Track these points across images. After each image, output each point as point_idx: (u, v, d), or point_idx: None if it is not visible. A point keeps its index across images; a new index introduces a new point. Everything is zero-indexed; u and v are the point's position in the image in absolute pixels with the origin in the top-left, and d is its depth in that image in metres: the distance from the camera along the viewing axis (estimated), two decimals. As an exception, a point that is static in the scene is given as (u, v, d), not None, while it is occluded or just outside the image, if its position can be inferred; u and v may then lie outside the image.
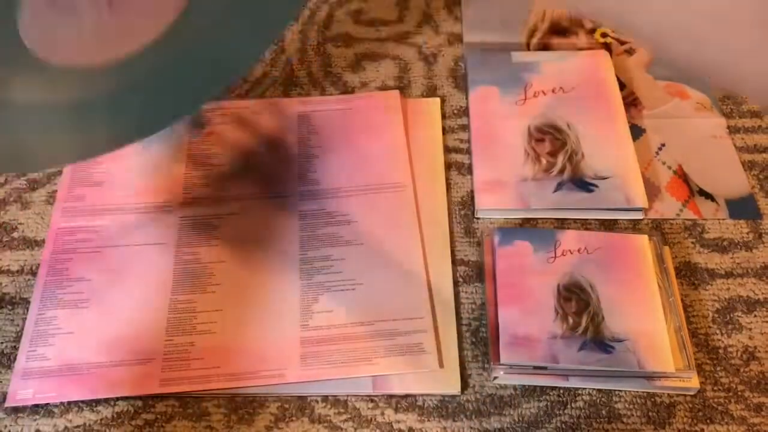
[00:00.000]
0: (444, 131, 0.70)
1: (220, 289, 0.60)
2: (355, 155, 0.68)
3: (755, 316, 0.58)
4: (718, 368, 0.55)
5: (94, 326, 0.58)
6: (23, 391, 0.55)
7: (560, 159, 0.65)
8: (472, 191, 0.65)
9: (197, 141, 0.69)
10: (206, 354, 0.56)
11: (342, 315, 0.58)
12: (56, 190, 0.66)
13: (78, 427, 0.54)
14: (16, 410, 0.54)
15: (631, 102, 0.71)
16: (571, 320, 0.55)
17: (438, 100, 0.72)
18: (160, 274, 0.60)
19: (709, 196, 0.64)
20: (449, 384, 0.54)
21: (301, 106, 0.72)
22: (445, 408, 0.54)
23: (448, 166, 0.67)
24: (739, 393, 0.54)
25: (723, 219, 0.63)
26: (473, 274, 0.60)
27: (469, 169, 0.67)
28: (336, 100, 0.72)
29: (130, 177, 0.66)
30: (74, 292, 0.60)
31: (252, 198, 0.65)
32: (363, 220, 0.63)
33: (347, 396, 0.54)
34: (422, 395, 0.54)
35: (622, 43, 0.76)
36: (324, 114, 0.71)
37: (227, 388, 0.55)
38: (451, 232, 0.62)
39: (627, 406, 0.53)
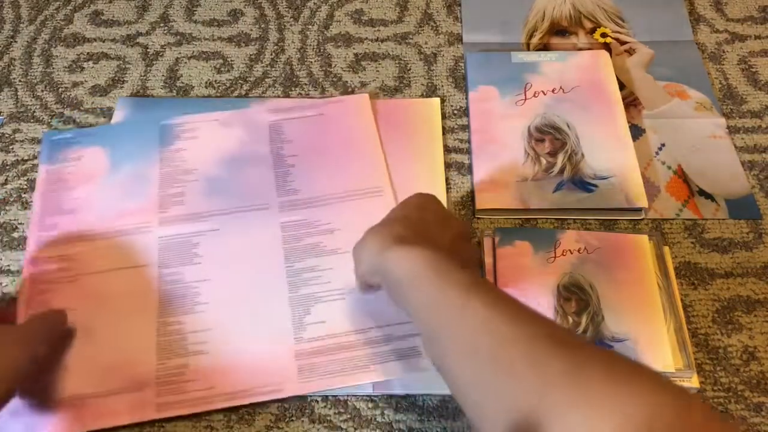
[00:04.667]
0: (444, 131, 0.70)
1: (208, 307, 0.58)
2: (331, 162, 0.67)
3: (755, 316, 0.58)
4: (718, 368, 0.55)
5: (85, 357, 0.56)
6: (14, 429, 0.53)
7: (560, 159, 0.65)
8: (472, 191, 0.65)
9: (169, 156, 0.67)
10: (201, 375, 0.55)
11: (335, 325, 0.57)
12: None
13: (78, 427, 0.54)
14: None
15: (631, 102, 0.71)
16: (571, 320, 0.55)
17: (438, 100, 0.72)
18: (145, 297, 0.59)
19: (709, 196, 0.64)
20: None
21: (271, 115, 0.70)
22: (445, 408, 0.54)
23: (448, 166, 0.67)
24: (739, 393, 0.54)
25: (723, 219, 0.63)
26: (473, 274, 0.60)
27: (469, 169, 0.67)
28: (306, 106, 0.71)
29: (102, 201, 0.65)
30: None
31: (230, 212, 0.64)
32: (345, 228, 0.62)
33: (347, 396, 0.54)
34: (422, 395, 0.54)
35: (622, 43, 0.77)
36: (295, 122, 0.70)
37: (225, 408, 0.54)
38: (451, 232, 0.62)
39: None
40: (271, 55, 0.77)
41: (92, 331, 0.57)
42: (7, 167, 0.68)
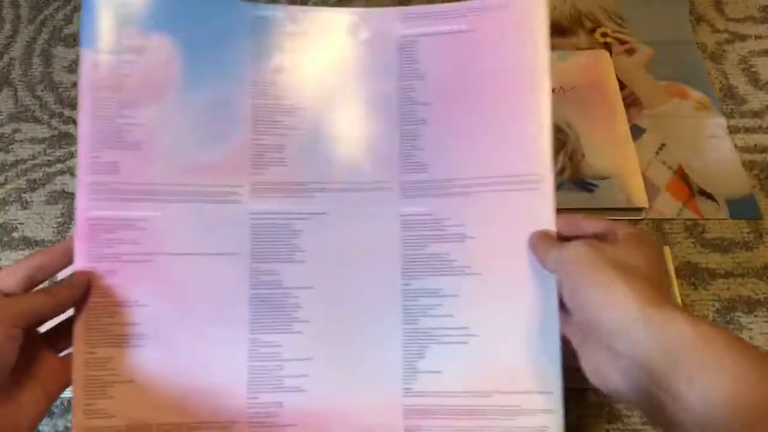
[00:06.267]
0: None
1: (309, 328, 0.45)
2: (476, 121, 0.46)
3: (755, 316, 0.58)
4: (719, 368, 0.55)
5: (160, 373, 0.43)
6: None
7: (560, 159, 0.65)
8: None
9: (265, 78, 0.47)
10: (297, 419, 0.44)
11: (452, 379, 0.44)
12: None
13: (78, 427, 0.54)
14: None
15: (631, 102, 0.71)
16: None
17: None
18: (234, 301, 0.45)
19: (709, 196, 0.64)
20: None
21: (402, 25, 0.48)
22: (445, 408, 0.53)
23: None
24: (740, 393, 0.54)
25: (723, 219, 0.63)
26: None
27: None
28: (450, 14, 0.47)
29: (175, 136, 0.46)
30: (126, 323, 0.44)
31: (343, 189, 0.46)
32: (481, 235, 0.45)
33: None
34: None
35: (623, 43, 0.76)
36: (433, 41, 0.47)
37: None
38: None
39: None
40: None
41: (169, 342, 0.44)
42: (7, 167, 0.68)
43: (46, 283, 0.43)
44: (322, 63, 0.48)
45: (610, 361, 0.36)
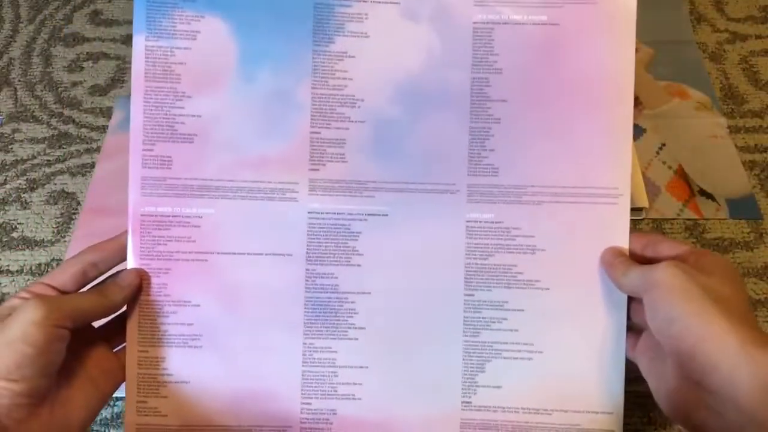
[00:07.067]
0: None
1: (365, 335, 0.44)
2: (555, 125, 0.44)
3: (756, 316, 0.58)
4: (719, 368, 0.55)
5: (214, 375, 0.43)
6: None
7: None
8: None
9: (325, 64, 0.44)
10: (351, 426, 0.44)
11: (512, 395, 0.43)
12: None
13: (78, 427, 0.53)
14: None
15: (631, 102, 0.71)
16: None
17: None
18: (288, 304, 0.44)
19: (709, 196, 0.64)
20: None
21: (476, 10, 0.44)
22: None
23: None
24: (740, 393, 0.54)
25: (723, 219, 0.63)
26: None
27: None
28: (533, 2, 0.44)
29: (231, 128, 0.44)
30: (180, 322, 0.43)
31: (405, 189, 0.44)
32: (553, 248, 0.43)
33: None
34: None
35: (623, 42, 0.76)
36: (513, 32, 0.44)
37: None
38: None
39: (628, 406, 0.53)
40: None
41: (223, 343, 0.44)
42: (7, 167, 0.68)
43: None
44: (386, 48, 0.44)
45: (695, 395, 0.35)
